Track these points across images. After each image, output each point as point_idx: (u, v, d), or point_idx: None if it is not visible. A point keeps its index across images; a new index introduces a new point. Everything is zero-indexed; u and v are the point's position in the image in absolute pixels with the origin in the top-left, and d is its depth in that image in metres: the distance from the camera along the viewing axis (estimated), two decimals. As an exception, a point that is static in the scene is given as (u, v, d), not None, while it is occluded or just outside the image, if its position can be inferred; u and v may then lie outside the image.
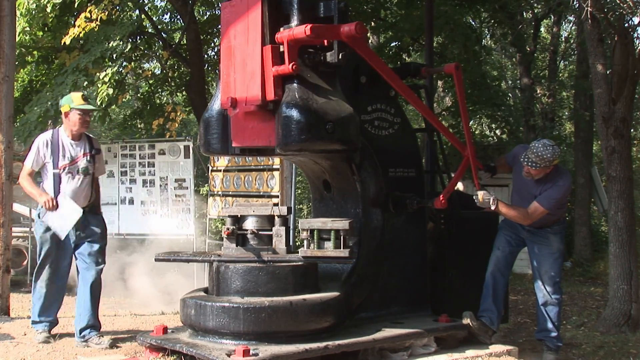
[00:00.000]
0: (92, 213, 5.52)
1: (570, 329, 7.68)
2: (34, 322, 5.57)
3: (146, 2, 13.90)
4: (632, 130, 12.42)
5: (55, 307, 5.58)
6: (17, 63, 9.51)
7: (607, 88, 7.52)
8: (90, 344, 5.30)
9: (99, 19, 9.73)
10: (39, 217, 5.44)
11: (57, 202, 5.27)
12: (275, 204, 4.88)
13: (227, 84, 4.55)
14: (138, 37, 11.79)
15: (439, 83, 15.70)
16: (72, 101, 5.42)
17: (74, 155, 5.43)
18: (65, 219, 5.30)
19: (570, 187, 5.68)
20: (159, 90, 15.04)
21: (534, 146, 5.21)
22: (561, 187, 5.33)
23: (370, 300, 5.00)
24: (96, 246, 5.45)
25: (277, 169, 8.77)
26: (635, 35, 8.61)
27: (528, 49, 16.27)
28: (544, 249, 5.50)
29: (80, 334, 5.37)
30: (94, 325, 5.42)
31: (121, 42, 9.75)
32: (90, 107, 5.55)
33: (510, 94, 19.41)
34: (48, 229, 5.36)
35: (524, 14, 16.21)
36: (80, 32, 9.71)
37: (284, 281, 4.51)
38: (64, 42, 9.88)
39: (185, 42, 12.61)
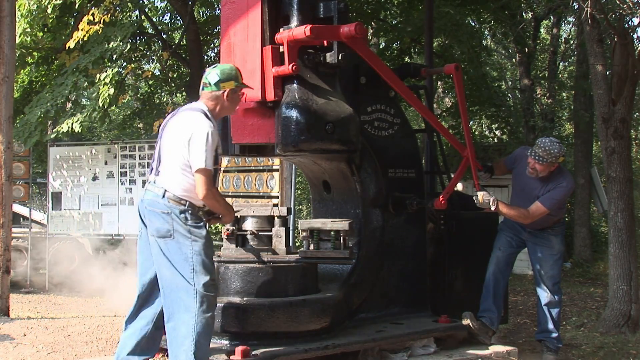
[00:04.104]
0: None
1: (570, 329, 7.67)
2: None
3: (146, 2, 13.92)
4: (632, 130, 12.42)
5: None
6: (17, 64, 9.51)
7: (606, 89, 7.51)
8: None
9: (101, 21, 9.75)
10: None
11: None
12: (275, 205, 4.88)
13: (227, 81, 4.53)
14: (138, 38, 11.81)
15: (439, 84, 15.69)
16: (238, 77, 4.08)
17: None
18: None
19: (573, 188, 5.68)
20: (159, 90, 15.06)
21: (541, 141, 5.26)
22: (564, 188, 5.36)
23: (370, 301, 4.99)
24: None
25: (276, 170, 8.76)
26: (635, 35, 8.62)
27: (527, 50, 16.26)
28: (546, 250, 5.51)
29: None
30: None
31: (121, 43, 9.76)
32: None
33: (510, 95, 19.39)
34: None
35: (524, 14, 16.20)
36: (85, 36, 9.72)
37: (283, 282, 4.51)
38: (68, 46, 9.89)
39: (185, 42, 12.62)
